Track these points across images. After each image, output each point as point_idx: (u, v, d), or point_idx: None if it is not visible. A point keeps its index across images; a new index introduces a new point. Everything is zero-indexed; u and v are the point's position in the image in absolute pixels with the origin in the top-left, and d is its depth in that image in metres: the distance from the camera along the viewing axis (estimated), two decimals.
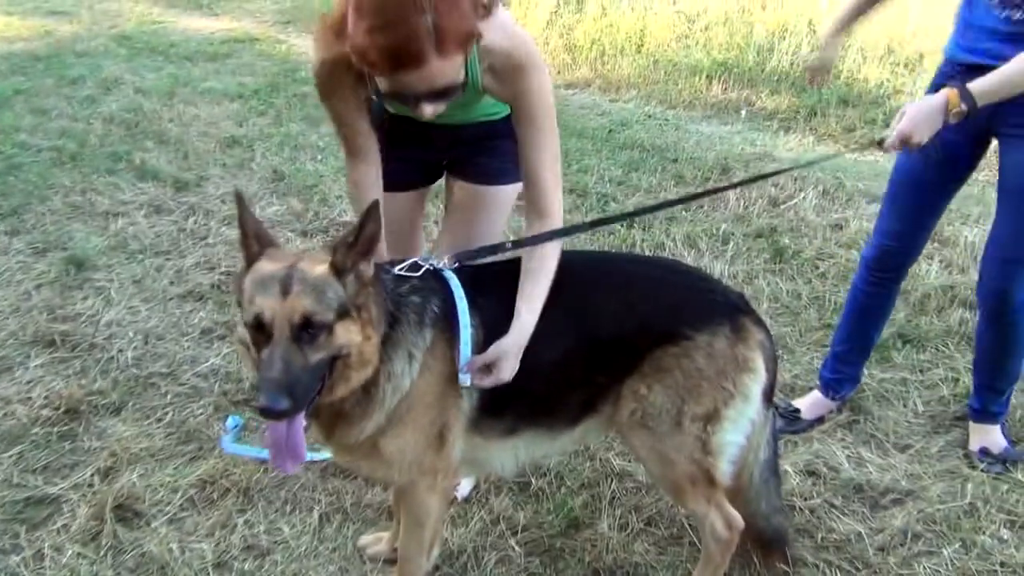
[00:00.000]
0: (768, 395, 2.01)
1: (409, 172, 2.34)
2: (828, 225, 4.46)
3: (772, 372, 2.00)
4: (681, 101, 6.94)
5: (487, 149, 2.24)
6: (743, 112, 6.67)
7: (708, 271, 3.94)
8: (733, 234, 4.34)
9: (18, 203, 4.45)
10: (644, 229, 4.39)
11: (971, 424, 2.88)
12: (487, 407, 1.95)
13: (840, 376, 2.99)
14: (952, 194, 2.72)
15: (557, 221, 1.98)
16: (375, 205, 1.71)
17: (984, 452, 2.78)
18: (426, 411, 1.90)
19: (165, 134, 5.58)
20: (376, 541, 2.40)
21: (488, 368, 1.87)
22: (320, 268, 1.69)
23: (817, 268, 4.03)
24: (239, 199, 1.74)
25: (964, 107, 2.22)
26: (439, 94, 1.69)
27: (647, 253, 4.11)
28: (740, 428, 1.97)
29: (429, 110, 1.73)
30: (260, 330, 1.65)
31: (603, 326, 1.96)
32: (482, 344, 1.90)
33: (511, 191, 2.29)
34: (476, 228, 2.30)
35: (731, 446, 1.98)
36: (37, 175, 4.82)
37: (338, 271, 1.70)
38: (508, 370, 1.88)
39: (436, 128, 2.16)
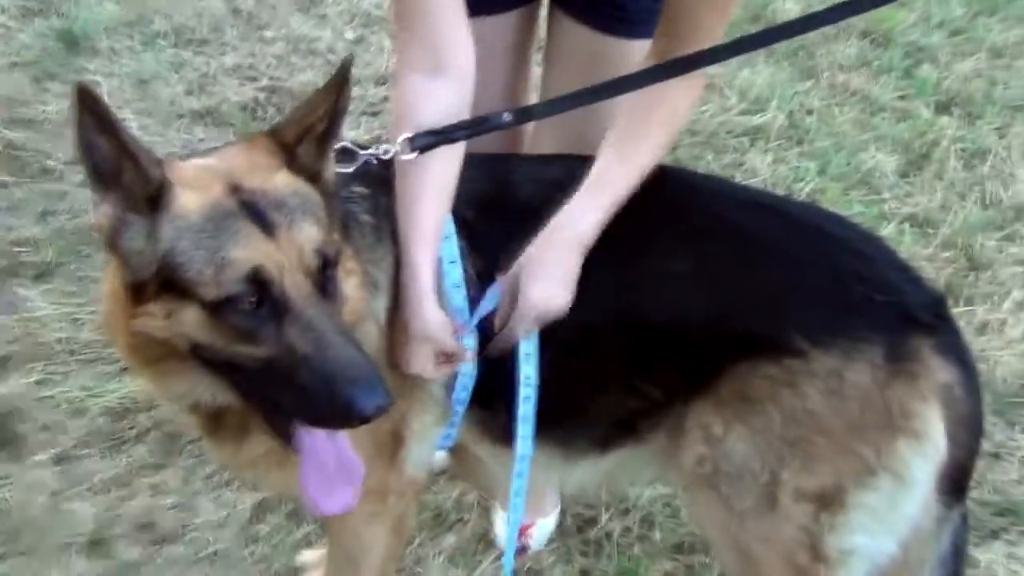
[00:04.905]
0: (955, 479, 1.60)
1: None
2: None
3: (965, 443, 1.59)
4: None
5: None
6: None
7: None
8: None
9: None
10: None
11: None
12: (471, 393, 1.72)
13: None
14: None
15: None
16: (347, 63, 1.45)
17: None
18: None
19: None
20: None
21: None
22: (284, 176, 1.40)
23: None
24: (87, 95, 1.27)
25: None
26: None
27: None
28: (885, 527, 1.61)
29: None
30: (259, 301, 1.32)
31: (659, 299, 1.66)
32: (475, 283, 1.70)
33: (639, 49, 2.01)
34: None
35: (861, 556, 1.62)
36: None
37: (308, 175, 1.45)
38: (530, 316, 1.63)
39: None
